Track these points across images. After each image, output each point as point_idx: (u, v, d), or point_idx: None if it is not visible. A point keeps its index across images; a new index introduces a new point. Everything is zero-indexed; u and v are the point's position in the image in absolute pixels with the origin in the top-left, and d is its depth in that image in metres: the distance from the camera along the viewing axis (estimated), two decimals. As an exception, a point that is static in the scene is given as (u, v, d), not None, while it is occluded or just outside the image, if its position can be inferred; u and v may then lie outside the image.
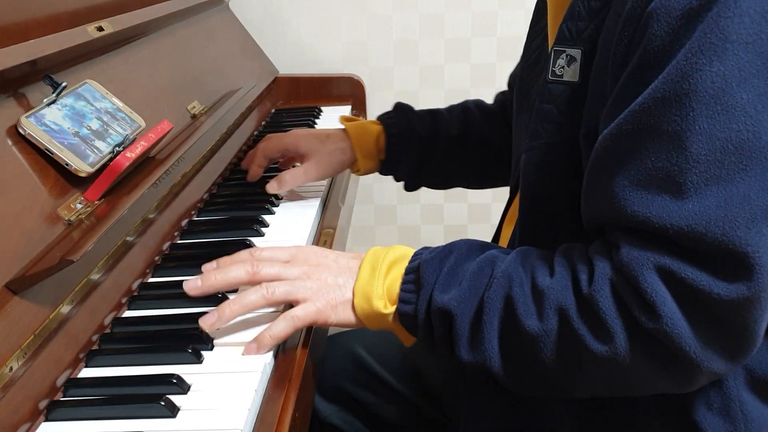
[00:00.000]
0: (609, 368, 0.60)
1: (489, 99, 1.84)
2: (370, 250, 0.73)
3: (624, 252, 0.58)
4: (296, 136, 1.05)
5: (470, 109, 1.09)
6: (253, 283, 0.70)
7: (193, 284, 0.71)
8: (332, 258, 0.73)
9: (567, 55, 0.69)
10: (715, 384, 0.66)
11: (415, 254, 0.71)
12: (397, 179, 1.10)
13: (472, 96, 1.78)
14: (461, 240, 0.72)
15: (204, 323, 0.70)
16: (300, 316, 0.69)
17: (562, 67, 0.69)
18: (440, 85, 1.79)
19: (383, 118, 1.07)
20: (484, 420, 0.77)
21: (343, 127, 1.07)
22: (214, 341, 0.70)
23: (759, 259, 0.54)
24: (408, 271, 0.69)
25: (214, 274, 0.71)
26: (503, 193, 1.16)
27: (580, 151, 0.67)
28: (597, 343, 0.59)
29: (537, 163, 0.72)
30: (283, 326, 0.68)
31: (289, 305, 0.72)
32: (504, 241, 0.88)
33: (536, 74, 0.81)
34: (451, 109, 1.09)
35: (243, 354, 0.68)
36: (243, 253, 0.74)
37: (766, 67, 0.54)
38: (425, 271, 0.67)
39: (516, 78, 0.91)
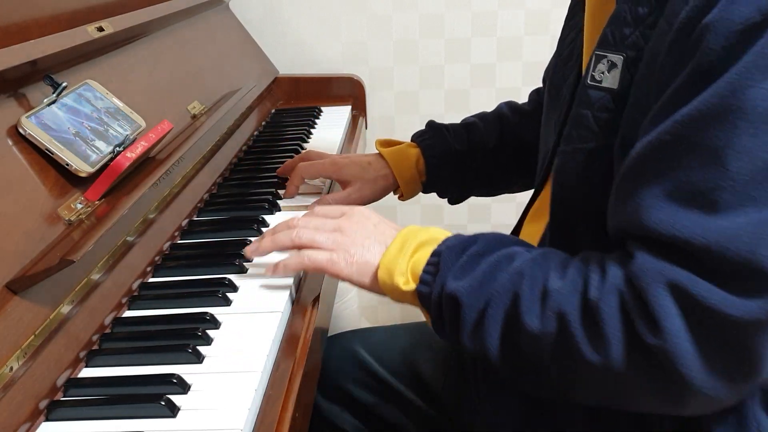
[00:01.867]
0: (601, 378, 0.60)
1: (489, 99, 1.85)
2: (407, 227, 0.74)
3: (638, 263, 0.57)
4: (337, 165, 1.04)
5: (505, 115, 1.07)
6: (295, 246, 0.77)
7: (250, 248, 0.81)
8: (373, 222, 0.76)
9: (608, 61, 0.67)
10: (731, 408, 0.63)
11: (445, 239, 0.71)
12: (441, 196, 1.10)
13: (472, 96, 1.79)
14: (492, 232, 0.72)
15: (246, 251, 0.81)
16: (311, 256, 0.74)
17: (602, 73, 0.68)
18: (440, 85, 1.79)
19: (419, 140, 1.05)
20: (492, 420, 0.78)
21: (378, 152, 1.06)
22: (215, 340, 0.70)
23: None
24: (433, 254, 0.70)
25: (266, 239, 0.79)
26: (503, 194, 1.16)
27: (612, 162, 0.66)
28: (591, 351, 0.58)
29: (570, 169, 0.71)
30: (294, 261, 0.75)
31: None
32: (528, 239, 0.88)
33: (568, 70, 0.80)
34: (485, 117, 1.08)
35: (265, 272, 0.79)
36: (294, 218, 0.79)
37: None
38: (446, 256, 0.68)
39: (549, 73, 0.89)
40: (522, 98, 1.11)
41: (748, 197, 0.53)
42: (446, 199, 1.11)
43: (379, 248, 0.73)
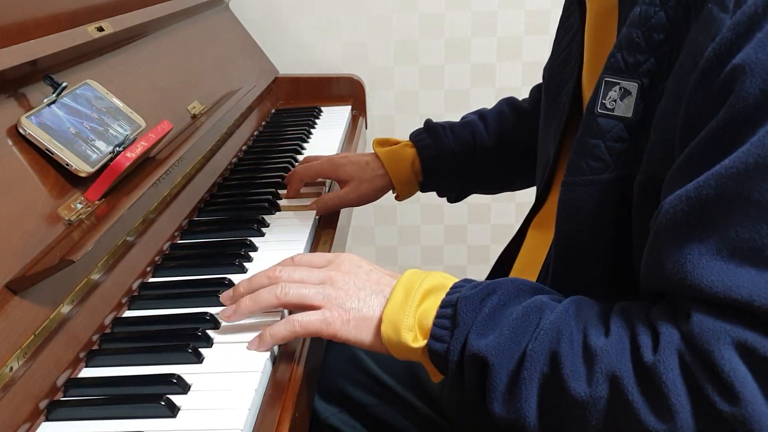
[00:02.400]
0: None
1: (489, 99, 1.85)
2: (407, 273, 0.67)
3: (696, 321, 0.52)
4: (335, 164, 1.04)
5: (505, 114, 1.06)
6: (281, 305, 0.68)
7: (227, 312, 0.70)
8: (365, 270, 0.69)
9: (621, 88, 0.63)
10: None
11: (455, 286, 0.65)
12: (440, 195, 1.09)
13: (472, 96, 1.79)
14: (508, 279, 0.66)
15: (223, 314, 0.70)
16: (302, 321, 0.66)
17: (614, 101, 0.63)
18: (440, 85, 1.79)
19: (415, 140, 1.05)
20: (493, 426, 0.77)
21: (375, 151, 1.06)
22: (215, 341, 0.70)
23: None
24: (444, 305, 0.63)
25: (246, 300, 0.69)
26: (504, 194, 1.16)
27: (629, 194, 0.63)
28: (654, 419, 0.53)
29: (579, 201, 0.67)
30: (282, 328, 0.66)
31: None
32: (530, 248, 0.86)
33: (566, 75, 0.79)
34: (485, 116, 1.06)
35: (247, 347, 0.68)
36: (275, 268, 0.70)
37: None
38: (463, 308, 0.61)
39: (546, 74, 0.88)
40: (522, 98, 1.11)
41: None
42: (445, 198, 1.11)
43: (377, 300, 0.66)
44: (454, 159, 1.03)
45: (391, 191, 1.07)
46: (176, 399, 0.62)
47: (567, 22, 0.82)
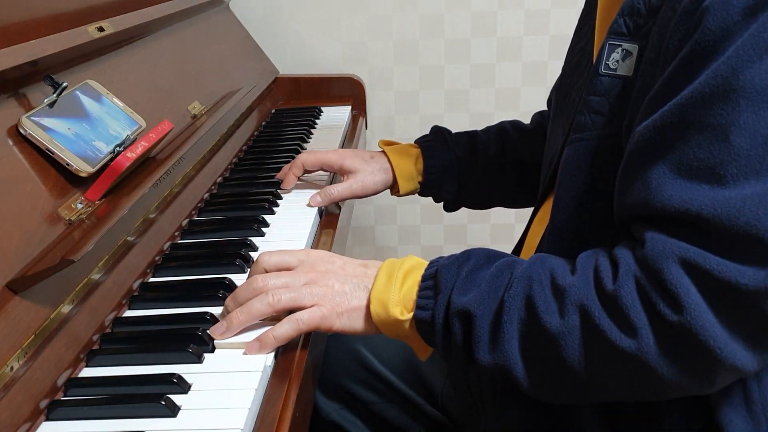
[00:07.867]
0: (632, 366, 0.59)
1: (489, 99, 1.85)
2: (386, 261, 0.72)
3: (648, 246, 0.58)
4: (341, 154, 1.06)
5: (507, 130, 1.09)
6: (276, 312, 0.71)
7: (219, 329, 0.71)
8: (339, 264, 0.74)
9: (623, 50, 0.68)
10: (737, 386, 0.65)
11: (432, 262, 0.71)
12: (437, 200, 1.12)
13: (472, 96, 1.80)
14: (479, 248, 0.71)
15: (214, 333, 0.71)
16: (304, 319, 0.70)
17: (617, 61, 0.69)
18: (440, 85, 1.79)
19: (421, 141, 1.08)
20: (507, 420, 0.78)
21: (382, 149, 1.08)
22: (215, 341, 0.70)
23: None
24: (425, 278, 0.69)
25: (237, 314, 0.71)
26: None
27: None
28: (622, 339, 0.58)
29: (581, 156, 0.71)
30: (287, 328, 0.69)
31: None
32: (532, 242, 0.87)
33: (578, 75, 0.81)
34: (488, 129, 1.10)
35: (244, 353, 0.69)
36: (256, 279, 0.72)
37: None
38: (443, 276, 0.67)
39: (555, 87, 0.90)
40: (521, 99, 1.12)
41: (752, 170, 0.55)
42: (442, 204, 1.12)
43: (363, 292, 0.71)
44: (455, 163, 1.06)
45: (389, 190, 1.08)
46: (176, 399, 0.62)
47: (582, 30, 0.84)
